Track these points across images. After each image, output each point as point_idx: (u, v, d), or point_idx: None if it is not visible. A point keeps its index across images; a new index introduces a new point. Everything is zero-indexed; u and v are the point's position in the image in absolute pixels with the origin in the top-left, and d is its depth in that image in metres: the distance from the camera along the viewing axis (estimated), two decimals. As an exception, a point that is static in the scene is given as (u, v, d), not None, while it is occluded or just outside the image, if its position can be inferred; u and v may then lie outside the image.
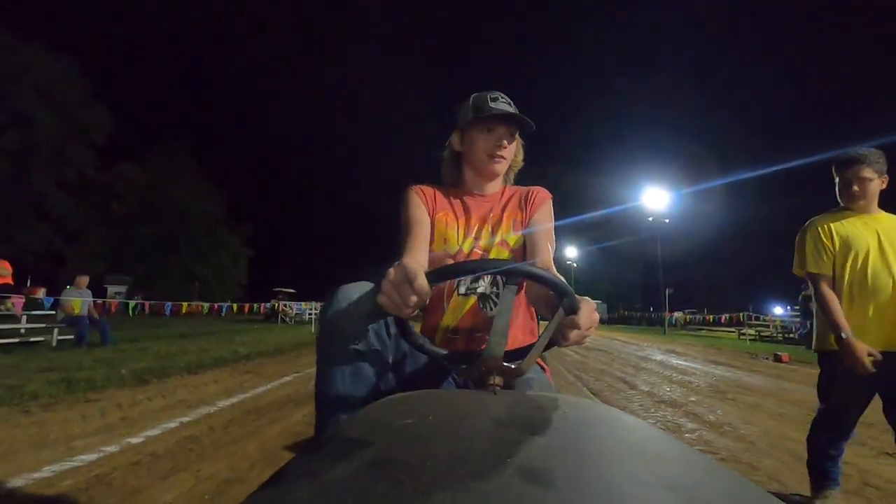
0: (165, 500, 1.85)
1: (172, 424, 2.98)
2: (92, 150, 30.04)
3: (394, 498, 0.29)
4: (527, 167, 1.22)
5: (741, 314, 14.12)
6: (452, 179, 1.19)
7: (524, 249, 1.11)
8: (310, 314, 17.74)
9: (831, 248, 1.81)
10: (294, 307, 18.71)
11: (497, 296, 1.06)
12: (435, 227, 1.12)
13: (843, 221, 1.82)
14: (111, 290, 31.11)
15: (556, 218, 1.16)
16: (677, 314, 22.45)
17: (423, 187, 1.17)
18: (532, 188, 1.18)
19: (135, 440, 2.62)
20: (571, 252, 38.00)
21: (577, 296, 0.67)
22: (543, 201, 1.15)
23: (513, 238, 1.12)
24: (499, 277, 1.05)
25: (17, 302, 6.47)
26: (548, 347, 0.70)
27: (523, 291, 1.09)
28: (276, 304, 18.26)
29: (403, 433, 0.41)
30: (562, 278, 0.70)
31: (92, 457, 2.32)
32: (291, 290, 23.66)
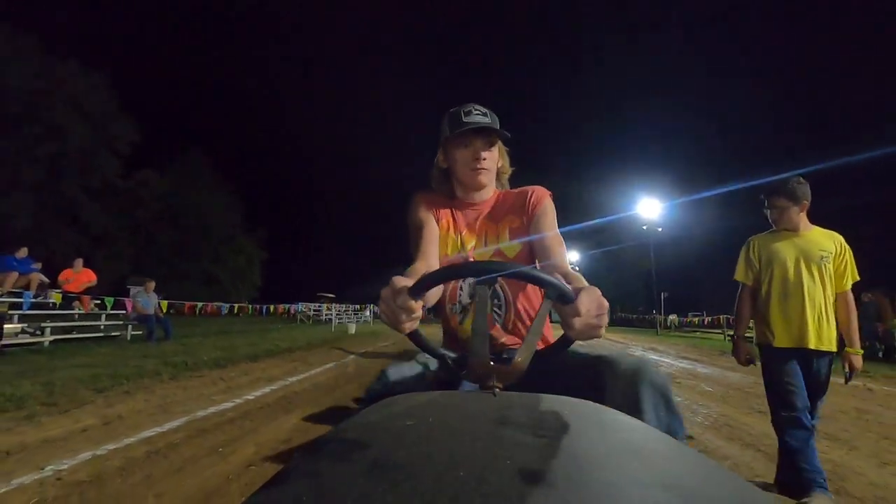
0: (293, 422, 3.17)
1: (266, 390, 4.31)
2: (118, 159, 31.78)
3: (394, 499, 0.29)
4: (531, 176, 1.20)
5: (721, 317, 15.29)
6: (444, 193, 1.20)
7: (528, 256, 1.10)
8: (327, 315, 19.16)
9: (756, 264, 2.09)
10: (311, 308, 20.20)
11: (499, 305, 1.09)
12: (439, 234, 1.14)
13: (772, 240, 2.07)
14: (133, 291, 32.88)
15: (559, 224, 1.12)
16: (672, 316, 23.62)
17: (427, 195, 1.19)
18: (528, 189, 1.16)
19: (249, 397, 3.96)
20: (573, 256, 39.22)
21: (578, 285, 0.67)
22: (541, 201, 1.12)
23: (510, 248, 1.11)
24: (497, 287, 1.08)
25: (129, 303, 7.90)
26: (564, 344, 0.69)
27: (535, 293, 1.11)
28: (312, 307, 20.03)
29: (403, 435, 0.41)
30: (558, 277, 0.66)
31: (230, 405, 3.65)
32: (332, 295, 25.45)
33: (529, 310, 1.09)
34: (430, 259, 1.05)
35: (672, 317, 23.70)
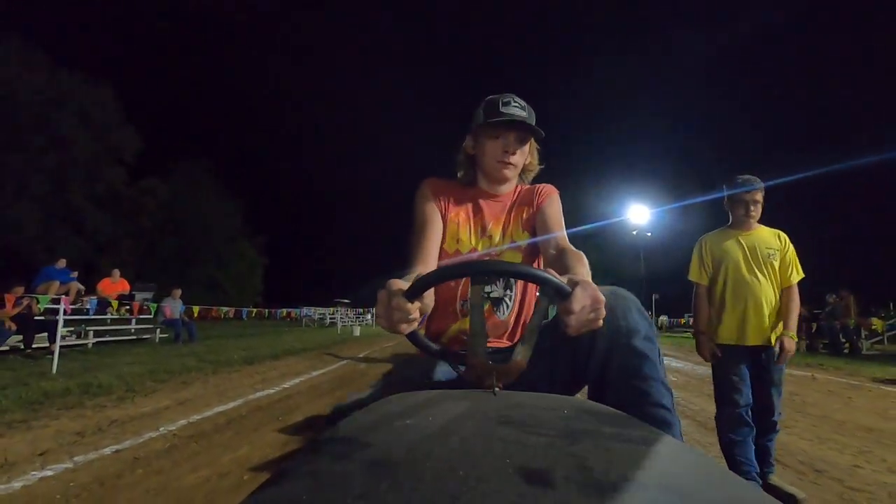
0: (326, 402, 3.98)
1: (296, 381, 5.11)
2: (122, 168, 32.55)
3: (394, 498, 0.29)
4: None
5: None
6: (467, 180, 1.19)
7: (536, 247, 1.11)
8: (331, 318, 19.97)
9: (709, 263, 2.14)
10: (317, 313, 21.06)
11: (510, 298, 1.08)
12: (448, 226, 1.13)
13: (722, 239, 2.13)
14: (138, 296, 33.41)
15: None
16: (662, 317, 24.53)
17: (439, 183, 1.18)
18: (539, 185, 1.18)
19: (285, 385, 4.76)
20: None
21: (576, 278, 0.65)
22: (549, 194, 1.15)
23: (522, 236, 1.12)
24: (511, 280, 1.08)
25: (166, 309, 8.68)
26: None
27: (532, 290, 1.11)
28: (317, 311, 21.07)
29: (403, 433, 0.41)
30: (552, 271, 0.65)
31: (272, 390, 4.45)
32: (347, 301, 26.37)
33: (533, 304, 1.09)
34: (430, 261, 1.06)
35: (662, 318, 24.61)
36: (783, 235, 2.11)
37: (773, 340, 1.98)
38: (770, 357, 1.99)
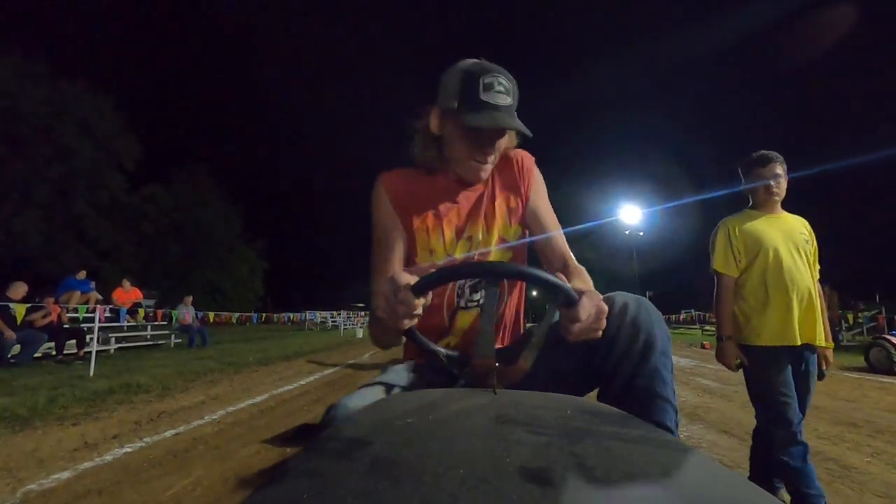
0: (345, 395, 4.49)
1: (311, 378, 5.62)
2: (123, 176, 32.95)
3: (394, 498, 0.30)
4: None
5: (693, 312, 16.84)
6: (429, 163, 0.99)
7: (526, 237, 1.02)
8: (333, 321, 20.47)
9: (741, 249, 1.79)
10: (320, 316, 21.59)
11: (497, 305, 1.01)
12: (417, 235, 0.97)
13: (753, 223, 1.80)
14: (143, 304, 33.86)
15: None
16: (656, 314, 25.17)
17: (396, 178, 1.01)
18: (513, 155, 1.01)
19: (301, 382, 5.26)
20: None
21: (580, 287, 0.66)
22: (531, 172, 1.01)
23: (510, 231, 1.00)
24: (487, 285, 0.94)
25: (187, 315, 9.17)
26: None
27: (518, 292, 1.05)
28: (319, 314, 21.73)
29: (403, 432, 0.41)
30: (561, 276, 0.66)
31: (292, 386, 4.96)
32: (361, 304, 26.91)
33: (514, 306, 1.03)
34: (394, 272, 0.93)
35: (657, 314, 25.25)
36: (806, 222, 1.87)
37: (822, 340, 1.70)
38: (815, 359, 1.75)
